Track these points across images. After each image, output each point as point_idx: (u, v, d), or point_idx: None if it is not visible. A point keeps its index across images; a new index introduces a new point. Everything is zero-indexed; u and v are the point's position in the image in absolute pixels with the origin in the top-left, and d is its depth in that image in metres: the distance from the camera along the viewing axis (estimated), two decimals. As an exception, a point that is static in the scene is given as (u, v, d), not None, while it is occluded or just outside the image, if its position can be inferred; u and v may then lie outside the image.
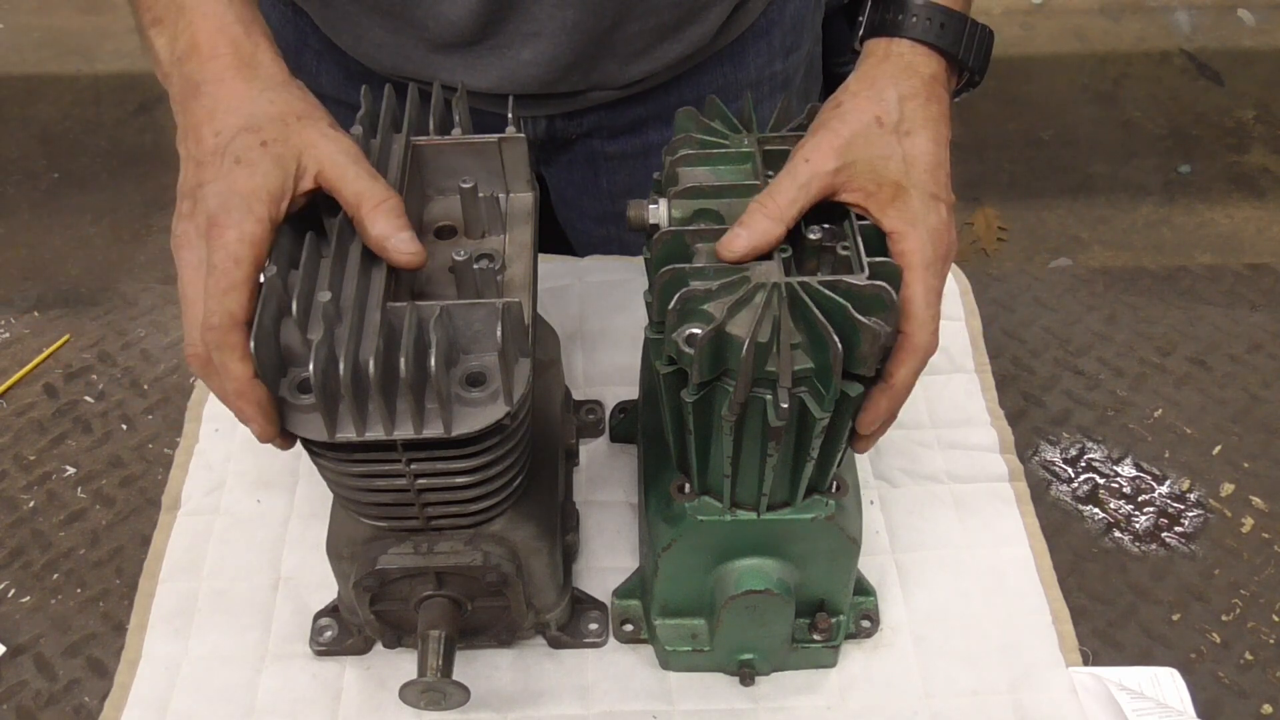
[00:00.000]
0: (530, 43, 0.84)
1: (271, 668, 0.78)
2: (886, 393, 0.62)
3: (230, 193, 0.58)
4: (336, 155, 0.60)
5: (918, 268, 0.61)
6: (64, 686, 0.79)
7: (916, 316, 0.61)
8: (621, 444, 0.91)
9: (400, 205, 0.60)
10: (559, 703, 0.77)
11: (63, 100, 2.62)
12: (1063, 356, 1.00)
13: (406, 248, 0.60)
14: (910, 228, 0.61)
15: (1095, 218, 2.37)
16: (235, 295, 0.57)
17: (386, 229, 0.59)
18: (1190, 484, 0.91)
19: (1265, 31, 2.79)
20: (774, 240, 0.60)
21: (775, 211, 0.60)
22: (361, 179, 0.60)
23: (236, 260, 0.57)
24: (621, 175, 1.00)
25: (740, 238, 0.60)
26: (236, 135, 0.59)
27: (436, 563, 0.68)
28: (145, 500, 0.89)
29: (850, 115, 0.63)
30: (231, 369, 0.57)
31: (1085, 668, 0.78)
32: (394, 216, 0.60)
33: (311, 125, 0.60)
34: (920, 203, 0.62)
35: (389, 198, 0.60)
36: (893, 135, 0.62)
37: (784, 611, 0.71)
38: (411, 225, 0.60)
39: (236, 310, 0.56)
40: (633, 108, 0.94)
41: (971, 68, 0.67)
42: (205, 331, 0.57)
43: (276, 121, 0.60)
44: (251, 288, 0.57)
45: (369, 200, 0.59)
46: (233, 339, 0.56)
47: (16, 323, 1.03)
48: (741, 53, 0.95)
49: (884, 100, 0.63)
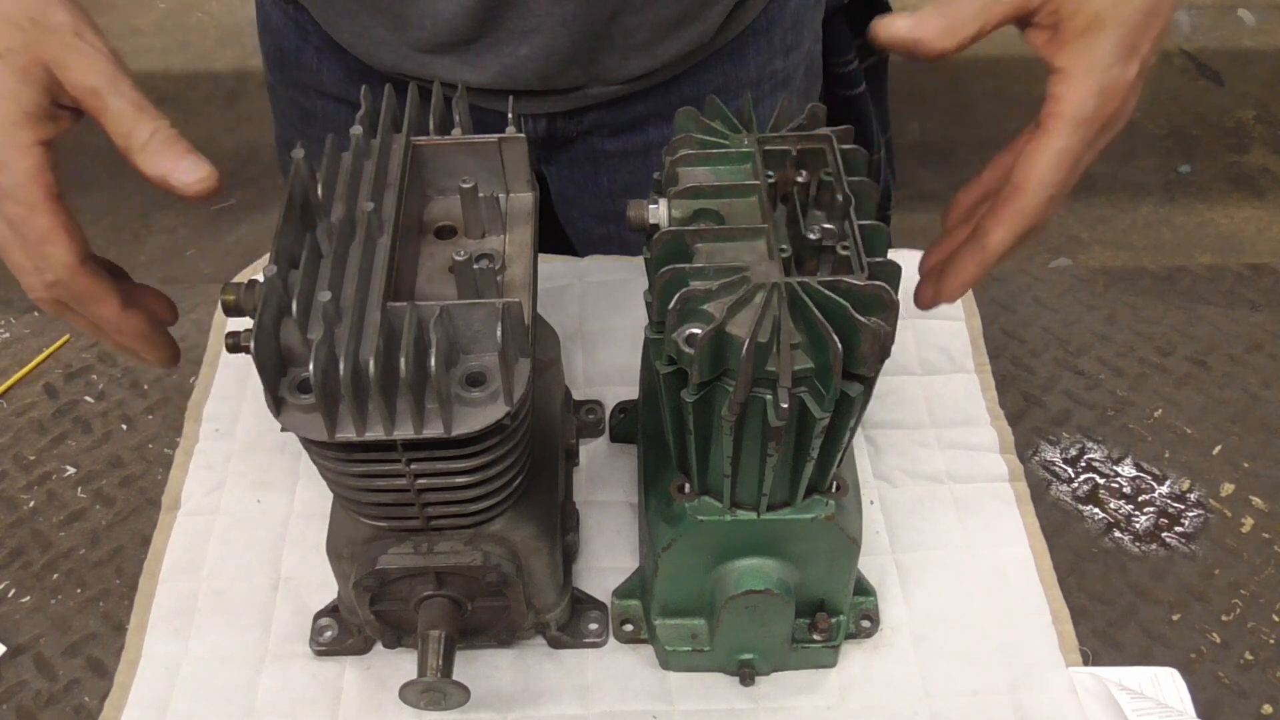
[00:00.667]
0: (529, 38, 0.84)
1: (271, 668, 0.78)
2: (978, 254, 0.55)
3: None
4: (91, 80, 0.52)
5: (1067, 119, 0.52)
6: (64, 686, 0.79)
7: (1038, 171, 0.53)
8: (621, 444, 0.91)
9: (171, 132, 0.52)
10: (559, 703, 0.77)
11: (63, 100, 2.62)
12: (1063, 356, 1.00)
13: (190, 175, 0.52)
14: (1084, 74, 0.52)
15: (1095, 218, 2.37)
16: (57, 242, 0.52)
17: (164, 165, 0.52)
18: (1190, 484, 0.91)
19: (1265, 31, 2.79)
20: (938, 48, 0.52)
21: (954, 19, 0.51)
22: (125, 113, 0.52)
23: (32, 205, 0.51)
24: (622, 173, 1.00)
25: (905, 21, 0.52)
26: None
27: (436, 563, 0.68)
28: (145, 500, 0.89)
29: None
30: (97, 312, 0.53)
31: (1085, 668, 0.78)
32: (166, 147, 0.52)
33: (54, 36, 0.52)
34: (1113, 46, 0.52)
35: (157, 127, 0.52)
36: None
37: (784, 611, 0.71)
38: (191, 149, 0.53)
39: (66, 256, 0.52)
40: (633, 105, 0.94)
41: None
42: (48, 288, 0.52)
43: (9, 26, 0.51)
44: (64, 223, 0.52)
45: (137, 138, 0.52)
46: (81, 285, 0.52)
47: (16, 323, 1.03)
48: (741, 51, 0.95)
49: None
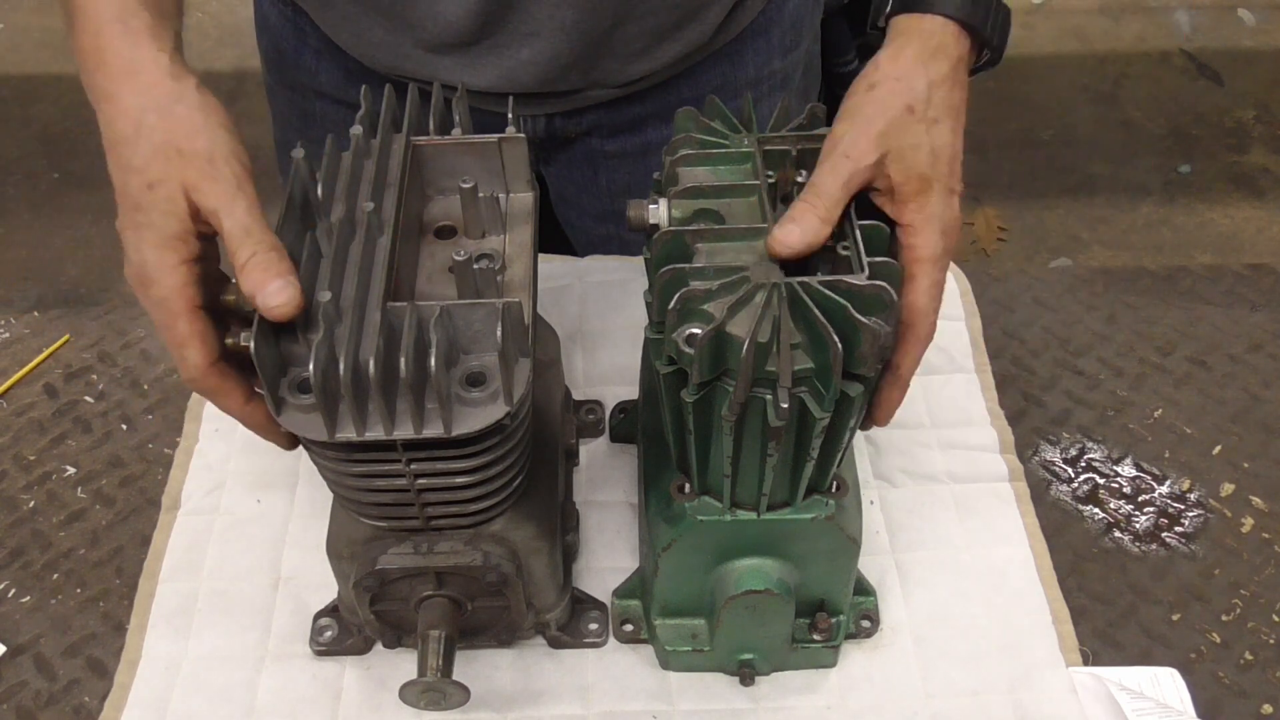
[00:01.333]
0: (529, 42, 0.84)
1: (271, 668, 0.78)
2: (896, 384, 0.64)
3: (141, 245, 0.58)
4: (211, 204, 0.58)
5: (925, 262, 0.62)
6: (64, 686, 0.79)
7: (920, 309, 0.62)
8: (621, 444, 0.91)
9: (268, 256, 0.57)
10: (559, 703, 0.77)
11: (63, 100, 2.62)
12: (1063, 356, 1.00)
13: (273, 300, 0.56)
14: (926, 224, 0.62)
15: (1095, 218, 2.37)
16: (191, 348, 0.58)
17: (252, 285, 0.56)
18: (1190, 484, 0.91)
19: (1265, 31, 2.79)
20: (823, 239, 0.60)
21: (824, 211, 0.60)
22: (234, 236, 0.57)
23: (173, 314, 0.58)
24: (621, 174, 1.00)
25: (794, 234, 0.59)
26: (129, 177, 0.59)
27: (436, 563, 0.68)
28: (145, 500, 0.89)
29: (886, 100, 0.62)
30: (225, 404, 0.60)
31: (1085, 668, 0.78)
32: (259, 271, 0.57)
33: (191, 164, 0.58)
34: (939, 198, 0.62)
35: (256, 252, 0.57)
36: (922, 125, 0.62)
37: (784, 611, 0.71)
38: (288, 271, 0.57)
39: (198, 360, 0.58)
40: (632, 106, 0.94)
41: (995, 46, 0.67)
42: (187, 383, 0.59)
43: (158, 158, 0.58)
44: (200, 330, 0.58)
45: (239, 258, 0.57)
46: (210, 383, 0.59)
47: (16, 323, 1.03)
48: (740, 51, 0.95)
49: (915, 88, 0.63)
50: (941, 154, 0.63)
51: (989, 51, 0.68)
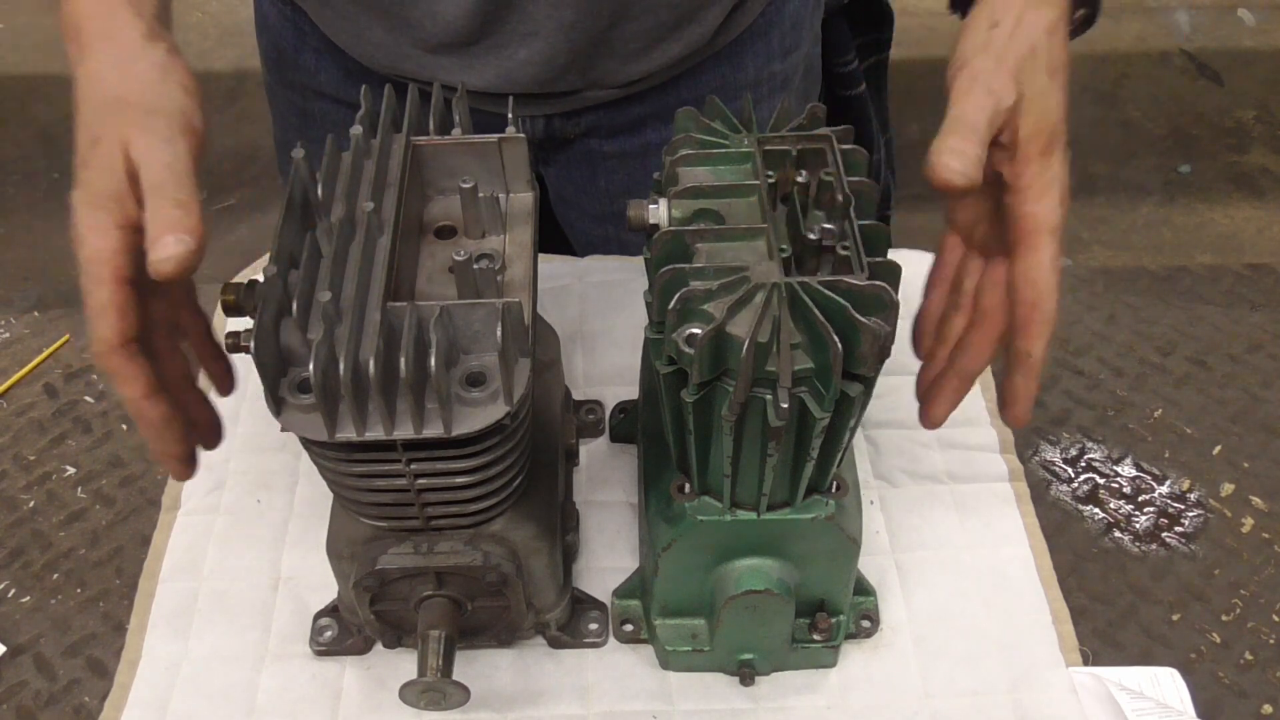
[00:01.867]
0: (528, 42, 0.84)
1: (271, 668, 0.78)
2: (1030, 373, 0.58)
3: (78, 204, 0.55)
4: (138, 156, 0.55)
5: (1050, 231, 0.56)
6: (64, 686, 0.79)
7: (1047, 285, 0.56)
8: (621, 444, 0.91)
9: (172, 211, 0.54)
10: (559, 703, 0.77)
11: (63, 100, 2.59)
12: (1063, 356, 1.00)
13: (160, 253, 0.53)
14: (1049, 188, 0.55)
15: (1095, 218, 2.37)
16: (105, 319, 0.54)
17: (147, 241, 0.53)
18: (1190, 484, 0.91)
19: (1265, 31, 2.79)
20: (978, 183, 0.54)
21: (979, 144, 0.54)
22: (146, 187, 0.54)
23: (96, 281, 0.54)
24: (620, 175, 1.00)
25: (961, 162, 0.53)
26: (80, 131, 0.56)
27: (436, 563, 0.68)
28: (145, 500, 0.90)
29: (1014, 38, 0.55)
30: (122, 391, 0.55)
31: (1085, 668, 0.78)
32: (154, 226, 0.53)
33: (128, 115, 0.55)
34: (1063, 158, 0.56)
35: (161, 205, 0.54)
36: (1045, 72, 0.56)
37: (784, 611, 0.71)
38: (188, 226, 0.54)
39: (108, 334, 0.54)
40: (631, 107, 0.94)
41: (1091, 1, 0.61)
42: (93, 357, 0.55)
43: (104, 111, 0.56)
44: (119, 305, 0.54)
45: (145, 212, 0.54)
46: (113, 363, 0.55)
47: (16, 323, 1.03)
48: (740, 53, 0.95)
49: (1036, 30, 0.56)
50: (1060, 109, 0.56)
51: (1083, 10, 0.61)
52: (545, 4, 0.81)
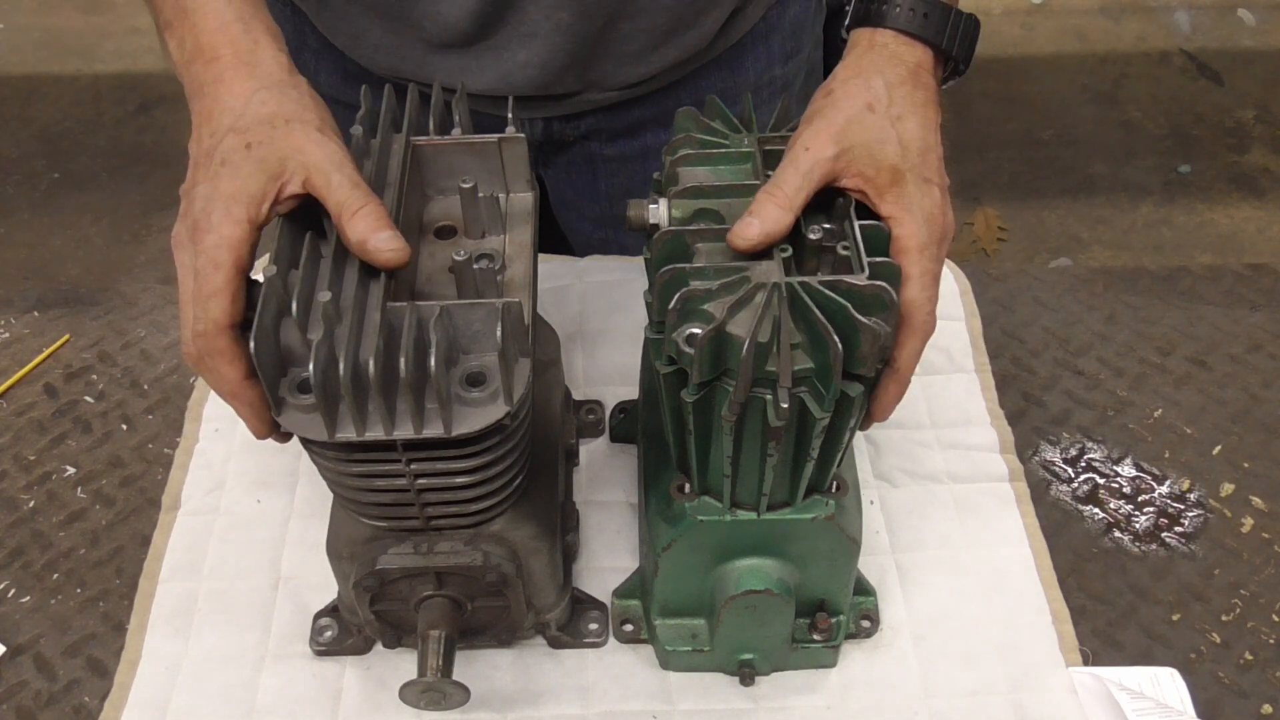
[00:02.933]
0: (526, 44, 0.84)
1: (271, 668, 0.78)
2: (893, 378, 0.64)
3: (213, 196, 0.59)
4: (321, 162, 0.60)
5: (912, 251, 0.62)
6: (64, 686, 0.79)
7: (913, 299, 0.62)
8: (621, 444, 0.91)
9: (379, 209, 0.60)
10: (559, 703, 0.77)
11: (63, 100, 2.62)
12: (1063, 356, 0.99)
13: (386, 245, 0.59)
14: (905, 213, 0.62)
15: (1095, 218, 2.37)
16: (217, 300, 0.57)
17: (364, 230, 0.59)
18: (1190, 484, 0.91)
19: (1265, 31, 2.79)
20: (785, 229, 0.61)
21: (784, 200, 0.61)
22: (343, 188, 0.60)
23: (216, 265, 0.57)
24: (620, 178, 1.00)
25: (753, 226, 0.60)
26: (225, 137, 0.60)
27: (436, 563, 0.68)
28: (145, 500, 0.89)
29: (843, 102, 0.64)
30: (222, 372, 0.58)
31: (1085, 668, 0.78)
32: (371, 219, 0.59)
33: (300, 129, 0.60)
34: (915, 187, 0.63)
35: (367, 203, 0.60)
36: (885, 119, 0.64)
37: (784, 611, 0.71)
38: (393, 225, 0.60)
39: (219, 315, 0.57)
40: (630, 111, 0.94)
41: (956, 57, 0.68)
42: (194, 338, 0.58)
43: (264, 123, 0.60)
44: (234, 290, 0.58)
45: (349, 208, 0.59)
46: (219, 344, 0.58)
47: (16, 323, 1.03)
48: (740, 58, 0.95)
49: (872, 88, 0.64)
50: (910, 145, 0.63)
51: (953, 62, 0.69)
52: (543, 6, 0.81)
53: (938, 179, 0.65)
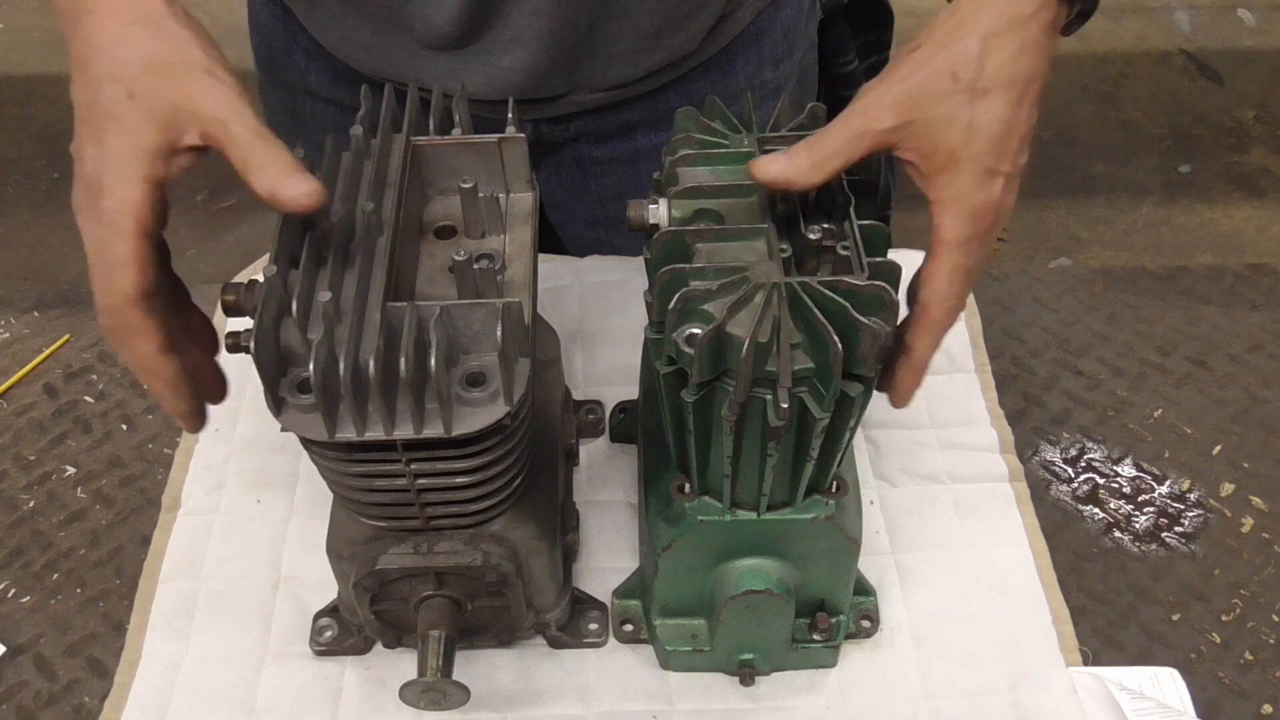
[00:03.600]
0: (511, 49, 0.84)
1: (271, 668, 0.78)
2: (909, 366, 0.61)
3: (102, 156, 0.54)
4: (216, 111, 0.55)
5: (948, 243, 0.58)
6: (64, 686, 0.79)
7: (936, 291, 0.58)
8: (621, 444, 0.91)
9: (284, 155, 0.55)
10: (559, 703, 0.77)
11: (63, 100, 2.60)
12: (1063, 356, 0.99)
13: (296, 189, 0.55)
14: (950, 203, 0.57)
15: (1095, 218, 2.37)
16: (123, 271, 0.53)
17: (270, 182, 0.55)
18: (1190, 484, 0.91)
19: (1265, 31, 2.79)
20: (807, 184, 0.57)
21: (820, 155, 0.57)
22: (242, 139, 0.55)
23: (118, 231, 0.53)
24: (610, 180, 1.00)
25: (778, 162, 0.57)
26: (103, 85, 0.54)
27: (436, 563, 0.68)
28: (145, 500, 0.89)
29: (925, 63, 0.57)
30: (136, 347, 0.55)
31: (1085, 668, 0.78)
32: (276, 167, 0.55)
33: (185, 74, 0.55)
34: (971, 177, 0.57)
35: (269, 150, 0.55)
36: (965, 95, 0.56)
37: (784, 611, 0.71)
38: (302, 169, 0.56)
39: (127, 286, 0.54)
40: (620, 113, 0.94)
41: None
42: (102, 312, 0.55)
43: (145, 69, 0.54)
44: (140, 258, 0.54)
45: (251, 162, 0.55)
46: (130, 317, 0.54)
47: (16, 323, 1.03)
48: (730, 61, 0.95)
49: (965, 50, 0.56)
50: (982, 130, 0.56)
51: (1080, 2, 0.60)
52: (527, 11, 0.81)
53: (1006, 167, 0.58)
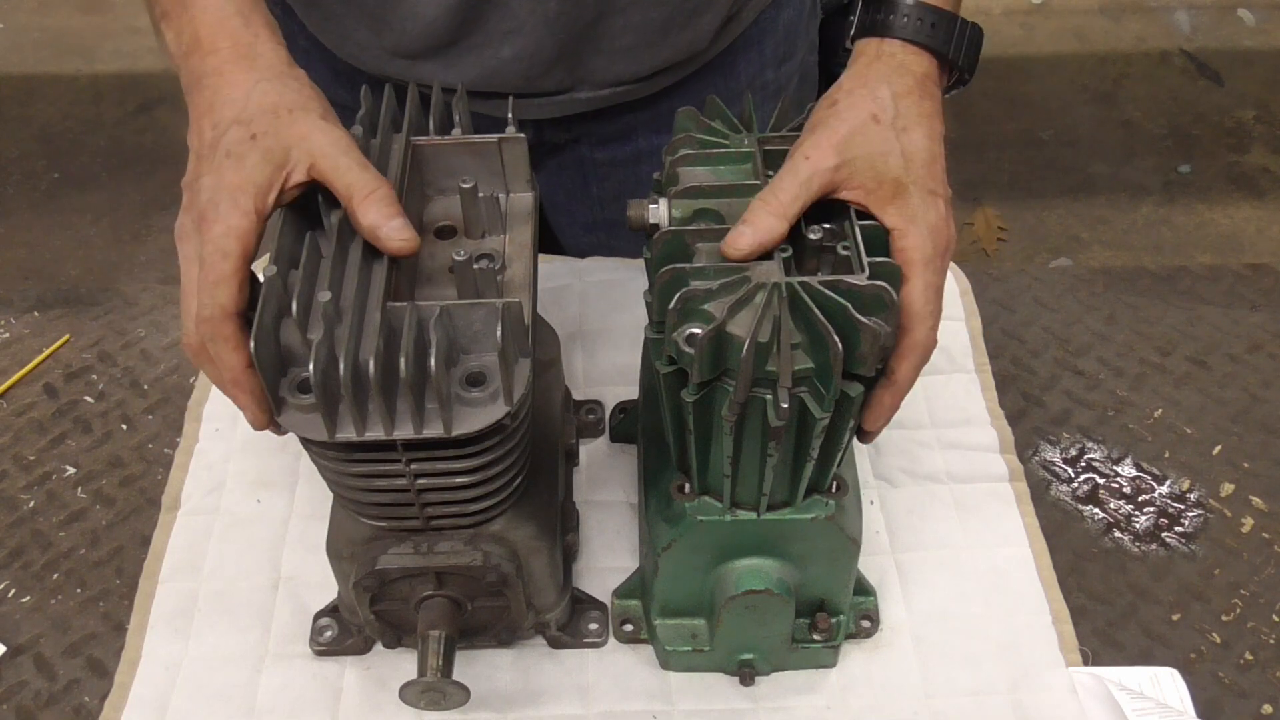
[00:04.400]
0: (510, 40, 0.84)
1: (271, 668, 0.78)
2: (890, 389, 0.63)
3: (219, 187, 0.59)
4: (327, 147, 0.60)
5: (917, 264, 0.61)
6: (64, 686, 0.79)
7: (917, 313, 0.61)
8: (621, 444, 0.91)
9: (391, 194, 0.61)
10: (559, 703, 0.77)
11: (63, 100, 2.62)
12: (1063, 356, 0.99)
13: (399, 235, 0.60)
14: (910, 224, 0.62)
15: (1095, 218, 2.37)
16: (224, 288, 0.58)
17: (377, 218, 0.60)
18: (1190, 484, 0.91)
19: (1265, 31, 2.79)
20: (778, 237, 0.61)
21: (778, 208, 0.61)
22: (352, 170, 0.60)
23: (224, 254, 0.58)
24: (611, 182, 1.00)
25: (745, 235, 0.60)
26: (229, 128, 0.60)
27: (436, 563, 0.68)
28: (145, 500, 0.89)
29: (847, 113, 0.64)
30: (225, 359, 0.58)
31: (1085, 668, 0.78)
32: (384, 205, 0.60)
33: (304, 117, 0.61)
34: (919, 199, 0.62)
35: (379, 187, 0.60)
36: (890, 131, 0.63)
37: (784, 611, 0.71)
38: (403, 213, 0.61)
39: (226, 302, 0.58)
40: (621, 114, 0.94)
41: (961, 66, 0.68)
42: (198, 324, 0.58)
43: (268, 113, 0.60)
44: (241, 279, 0.58)
45: (360, 191, 0.60)
46: (224, 330, 0.58)
47: (16, 323, 1.03)
48: (732, 62, 0.95)
49: (879, 98, 0.64)
50: (915, 157, 0.63)
51: (958, 71, 0.68)
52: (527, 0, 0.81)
53: (942, 190, 0.64)
